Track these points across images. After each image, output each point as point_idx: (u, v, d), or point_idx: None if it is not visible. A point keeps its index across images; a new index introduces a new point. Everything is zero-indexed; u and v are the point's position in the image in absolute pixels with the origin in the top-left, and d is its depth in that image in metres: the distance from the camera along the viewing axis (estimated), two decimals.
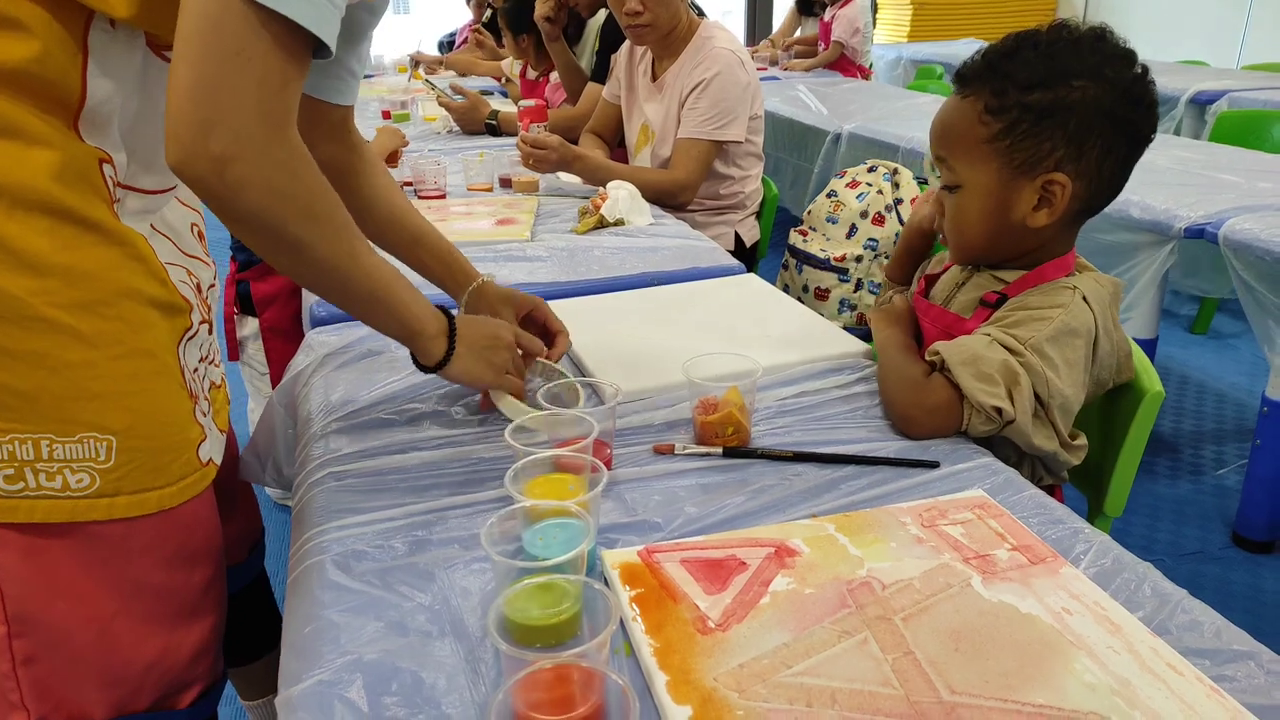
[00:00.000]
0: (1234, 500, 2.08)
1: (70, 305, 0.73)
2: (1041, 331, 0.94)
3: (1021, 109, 0.93)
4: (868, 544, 0.77)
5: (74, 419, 0.75)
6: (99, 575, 0.81)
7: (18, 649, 0.79)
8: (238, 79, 0.68)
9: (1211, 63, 4.72)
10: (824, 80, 4.34)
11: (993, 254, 1.04)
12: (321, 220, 0.78)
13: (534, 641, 0.64)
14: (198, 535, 0.89)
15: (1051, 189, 0.95)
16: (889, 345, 1.07)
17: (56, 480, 0.75)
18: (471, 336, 0.95)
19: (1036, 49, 0.94)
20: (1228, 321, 3.18)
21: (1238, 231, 1.76)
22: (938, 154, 1.03)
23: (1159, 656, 0.63)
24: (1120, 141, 0.95)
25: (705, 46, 2.01)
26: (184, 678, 0.90)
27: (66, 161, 0.73)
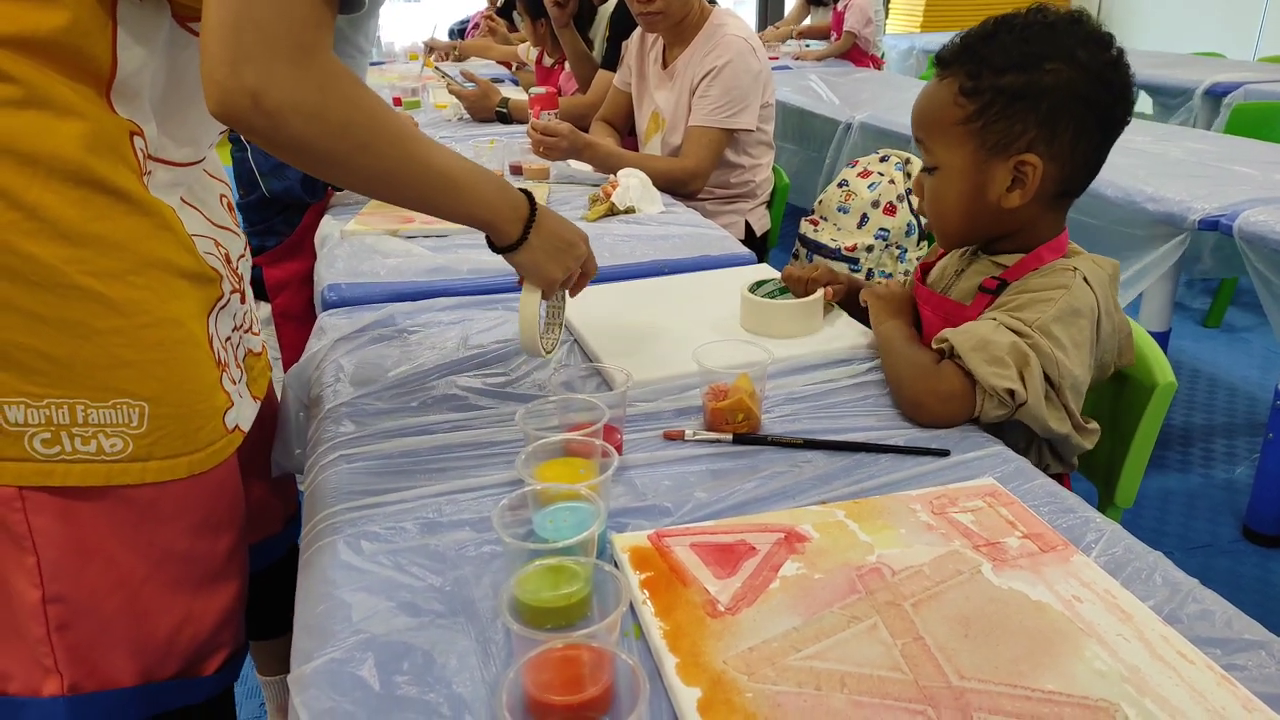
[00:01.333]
0: (1244, 494, 2.08)
1: (102, 274, 0.76)
2: (1046, 313, 0.94)
3: (995, 91, 0.95)
4: (877, 530, 0.77)
5: (106, 385, 0.77)
6: (129, 540, 0.83)
7: (53, 614, 0.81)
8: (263, 13, 0.69)
9: (1228, 54, 4.68)
10: (836, 70, 4.32)
11: (972, 235, 1.05)
12: (366, 129, 0.78)
13: (544, 623, 0.65)
14: (223, 501, 0.91)
15: (1023, 169, 0.96)
16: (894, 336, 1.07)
17: (91, 444, 0.77)
18: (549, 230, 0.96)
19: (1013, 32, 0.96)
20: (1241, 315, 3.16)
21: (1253, 224, 1.74)
22: (917, 136, 1.04)
23: (1169, 644, 0.63)
24: (1093, 124, 0.96)
25: (717, 34, 2.00)
26: (209, 645, 0.92)
27: (98, 132, 0.75)
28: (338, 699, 0.61)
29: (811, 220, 2.08)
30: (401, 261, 1.45)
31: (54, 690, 0.82)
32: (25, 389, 0.74)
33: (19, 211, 0.71)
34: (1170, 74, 3.76)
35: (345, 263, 1.46)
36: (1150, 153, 2.34)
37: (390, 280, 1.39)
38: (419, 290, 1.35)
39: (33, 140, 0.71)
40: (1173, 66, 3.96)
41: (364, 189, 0.85)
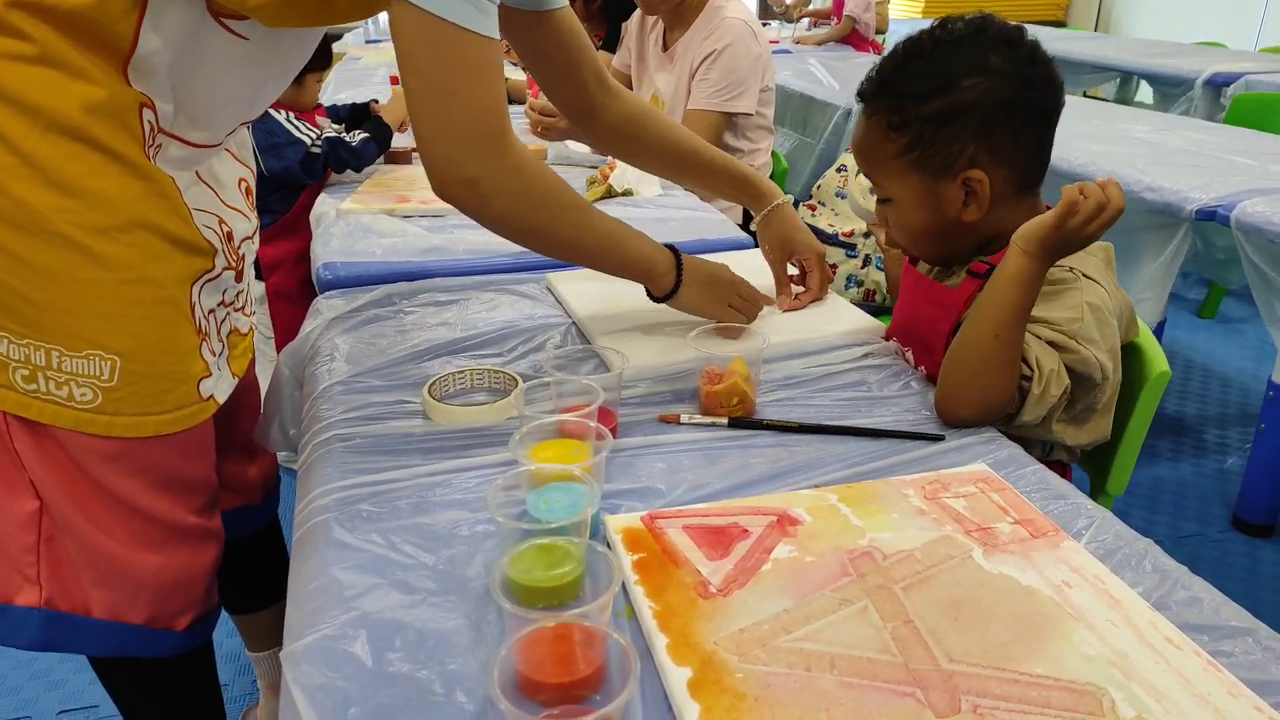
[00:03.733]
0: (1234, 484, 2.09)
1: (88, 227, 0.78)
2: (1082, 321, 0.93)
3: (922, 120, 0.95)
4: (870, 514, 0.77)
5: (81, 335, 0.80)
6: (94, 486, 0.86)
7: (45, 526, 0.86)
8: (460, 117, 0.83)
9: (1229, 44, 4.67)
10: (836, 55, 4.30)
11: (951, 250, 1.05)
12: (553, 204, 0.93)
13: (537, 602, 0.65)
14: (190, 467, 0.93)
15: (971, 185, 0.96)
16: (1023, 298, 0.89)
17: (63, 390, 0.81)
18: (696, 271, 1.08)
19: (923, 58, 0.95)
20: (1236, 306, 3.16)
21: (1250, 215, 1.75)
22: (867, 174, 1.04)
23: (1157, 630, 0.64)
24: (1028, 121, 0.96)
25: (717, 16, 1.99)
26: (176, 601, 0.95)
27: (103, 99, 0.78)
28: (330, 675, 0.61)
29: (810, 205, 2.08)
30: (397, 241, 1.45)
31: (30, 600, 0.87)
32: (9, 325, 0.78)
33: (15, 157, 0.74)
34: (1171, 64, 3.75)
35: (341, 241, 1.46)
36: (1150, 142, 2.34)
37: (386, 259, 1.38)
38: (415, 270, 1.35)
39: (38, 94, 0.74)
40: (1173, 56, 3.94)
41: (551, 252, 1.00)
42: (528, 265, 1.39)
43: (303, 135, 1.77)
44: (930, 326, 1.03)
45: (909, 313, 1.08)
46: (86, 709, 1.53)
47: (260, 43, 0.85)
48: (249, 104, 0.94)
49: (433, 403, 0.94)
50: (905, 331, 1.09)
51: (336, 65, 3.52)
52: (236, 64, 0.86)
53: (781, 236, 1.23)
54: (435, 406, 0.94)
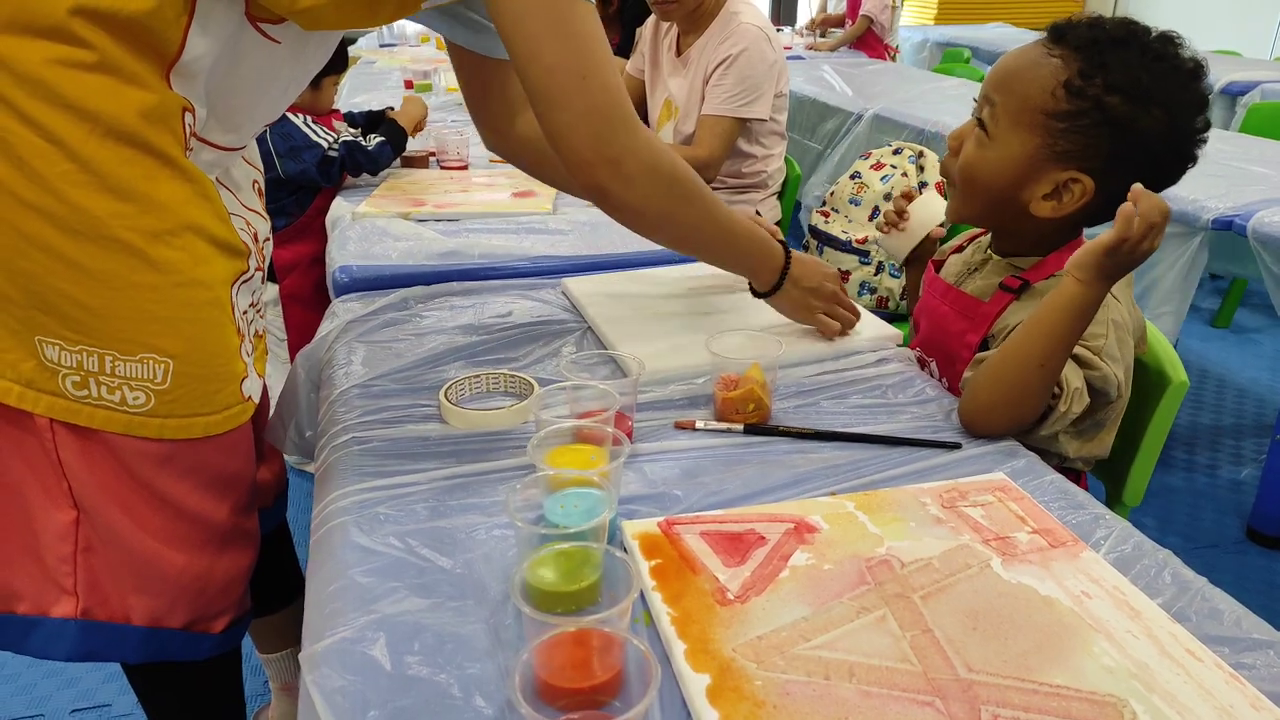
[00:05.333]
0: (1249, 495, 2.08)
1: (143, 231, 0.79)
2: (1106, 338, 0.93)
3: (1097, 105, 0.90)
4: (887, 522, 0.77)
5: (135, 339, 0.81)
6: (142, 490, 0.87)
7: (82, 536, 0.86)
8: (598, 98, 0.83)
9: (1244, 53, 4.65)
10: (849, 61, 4.30)
11: (984, 218, 1.04)
12: (682, 184, 0.93)
13: (555, 607, 0.65)
14: (233, 467, 0.94)
15: (1070, 186, 0.94)
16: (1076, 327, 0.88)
17: (116, 394, 0.82)
18: (800, 275, 1.09)
19: (1144, 53, 0.90)
20: (1251, 316, 3.15)
21: (1267, 224, 1.74)
22: (988, 93, 0.98)
23: (1178, 642, 0.64)
24: (1150, 175, 0.92)
25: (732, 22, 2.00)
26: (216, 604, 0.96)
27: (155, 104, 0.79)
28: (349, 678, 0.61)
29: (823, 212, 2.08)
30: (413, 245, 1.45)
31: (66, 611, 0.87)
32: (62, 332, 0.79)
33: (74, 163, 0.75)
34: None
35: (357, 245, 1.46)
36: None
37: (402, 263, 1.39)
38: (431, 274, 1.35)
39: (97, 100, 0.75)
40: None
41: (675, 239, 1.00)
42: (543, 270, 1.39)
43: (320, 139, 1.78)
44: (957, 338, 1.02)
45: (934, 323, 1.08)
46: (99, 708, 1.54)
47: (290, 45, 0.86)
48: (274, 106, 0.95)
49: (450, 406, 0.94)
50: (929, 341, 1.09)
51: (351, 69, 3.54)
52: (267, 67, 0.87)
53: None
54: (452, 410, 0.94)
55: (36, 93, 0.73)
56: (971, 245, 1.13)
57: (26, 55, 0.72)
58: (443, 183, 1.86)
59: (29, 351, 0.79)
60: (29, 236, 0.75)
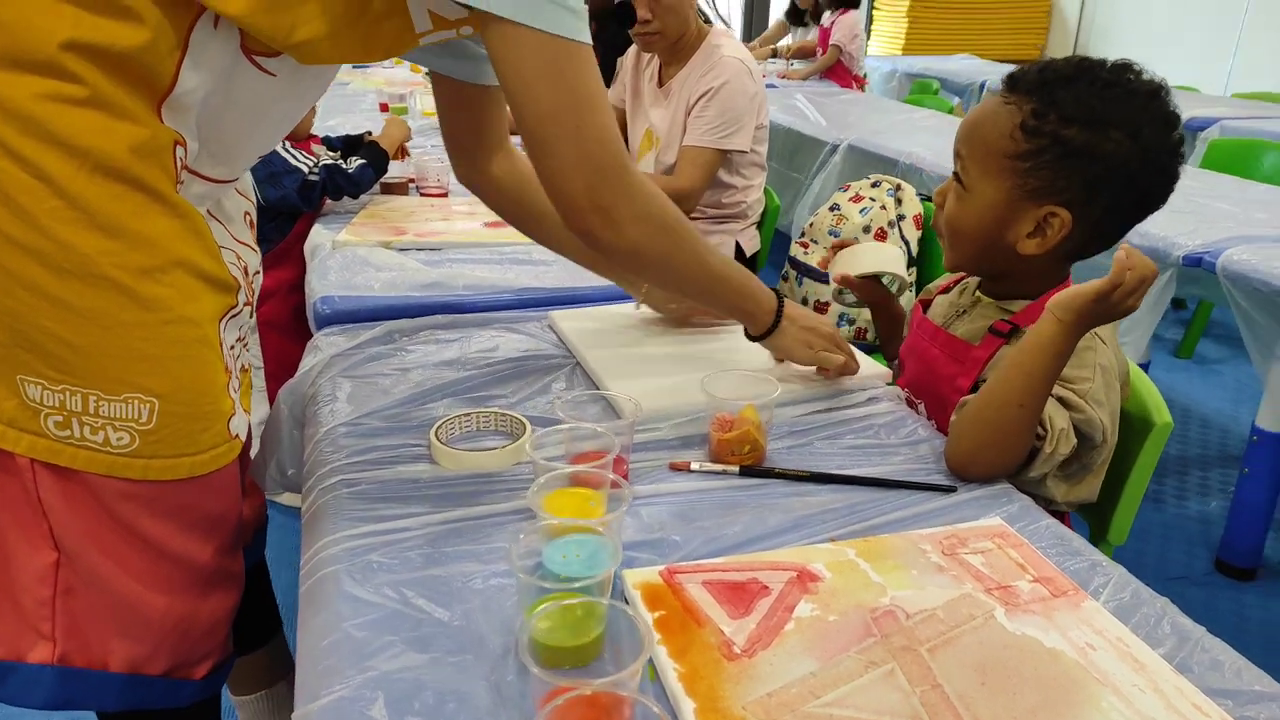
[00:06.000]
0: (1217, 526, 2.11)
1: (131, 268, 0.77)
2: (1093, 383, 0.94)
3: (1054, 139, 0.93)
4: (889, 570, 0.77)
5: (121, 378, 0.79)
6: (126, 532, 0.84)
7: (62, 578, 0.83)
8: (593, 148, 0.83)
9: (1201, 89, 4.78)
10: (821, 90, 4.35)
11: (978, 266, 1.05)
12: (674, 231, 0.94)
13: (561, 663, 0.64)
14: (220, 507, 0.92)
15: (1049, 221, 0.95)
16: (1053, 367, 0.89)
17: (99, 435, 0.79)
18: (796, 315, 1.09)
19: (1093, 85, 0.93)
20: (1213, 346, 3.21)
21: (1235, 262, 1.78)
22: (959, 149, 1.01)
23: (1184, 697, 0.64)
24: (1130, 202, 0.95)
25: (714, 55, 2.01)
26: (200, 648, 0.93)
27: (146, 138, 0.77)
28: None
29: (802, 243, 2.09)
30: (395, 275, 1.44)
31: (43, 657, 0.84)
32: (45, 371, 0.77)
33: (62, 200, 0.73)
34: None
35: (337, 274, 1.44)
36: None
37: (384, 294, 1.37)
38: (414, 305, 1.33)
39: (87, 136, 0.73)
40: None
41: (670, 282, 1.04)
42: (528, 302, 1.38)
43: (300, 163, 1.75)
44: (948, 382, 1.03)
45: (923, 365, 1.08)
46: None
47: (285, 78, 0.85)
48: (267, 139, 0.94)
49: (441, 447, 0.93)
50: (917, 383, 1.09)
51: None
52: (262, 100, 0.85)
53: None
54: (444, 451, 0.92)
55: (26, 129, 0.71)
56: (958, 287, 1.14)
57: (15, 90, 0.71)
58: (423, 210, 1.84)
59: (10, 390, 0.77)
60: (14, 274, 0.73)
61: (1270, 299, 1.72)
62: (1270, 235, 1.93)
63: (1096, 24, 6.57)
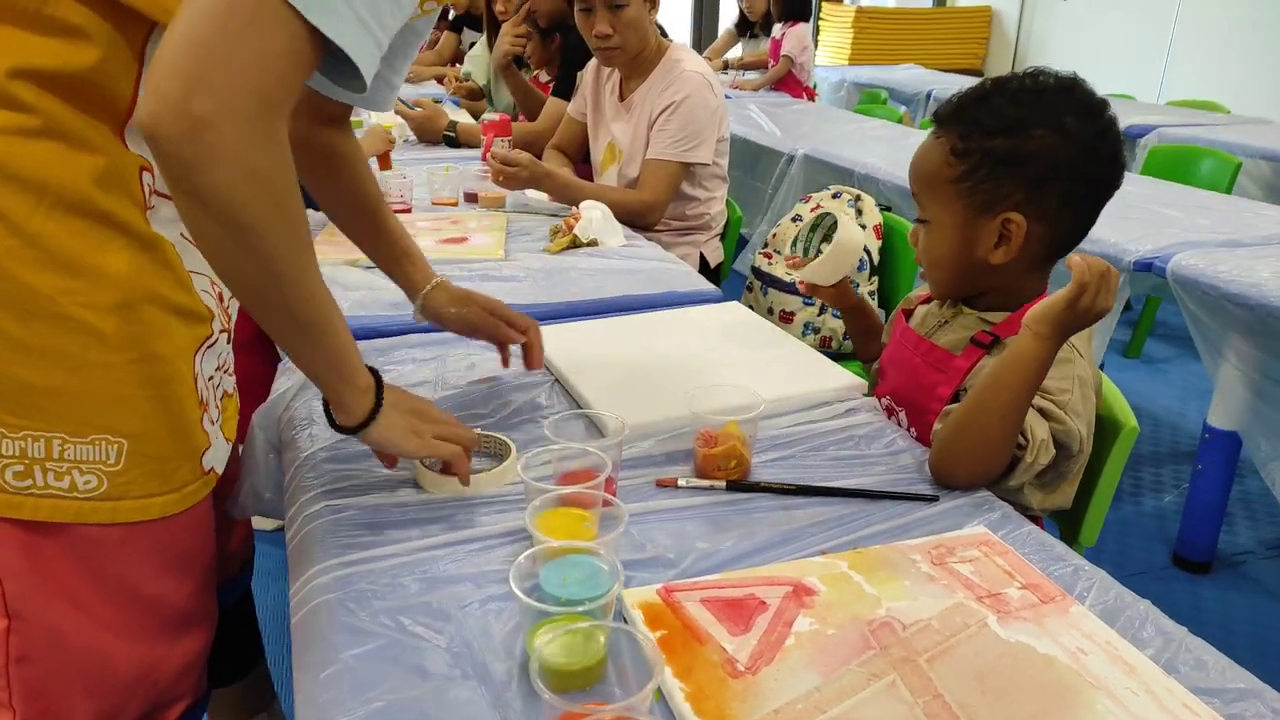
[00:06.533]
0: (1173, 521, 2.17)
1: (97, 306, 0.74)
2: (1071, 394, 0.97)
3: (983, 153, 0.98)
4: (882, 582, 0.78)
5: (88, 420, 0.76)
6: (95, 580, 0.81)
7: (13, 645, 0.78)
8: (241, 46, 0.63)
9: (1137, 96, 4.94)
10: (773, 101, 4.40)
11: (960, 288, 1.08)
12: (288, 216, 0.69)
13: (567, 687, 0.63)
14: (193, 545, 0.89)
15: (1008, 228, 0.99)
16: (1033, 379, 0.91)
17: (64, 480, 0.76)
18: (399, 400, 0.87)
19: (1005, 96, 0.99)
20: (1160, 346, 3.31)
21: (1184, 267, 1.83)
22: (913, 191, 1.07)
23: (1174, 697, 0.66)
24: (1081, 191, 0.99)
25: (675, 69, 2.02)
26: (171, 692, 0.89)
27: (108, 167, 0.74)
28: None
29: (765, 254, 2.11)
30: (365, 295, 1.42)
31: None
32: (3, 418, 0.73)
33: (18, 239, 0.70)
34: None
35: None
36: None
37: (355, 314, 1.35)
38: (386, 326, 1.32)
39: (44, 169, 0.70)
40: None
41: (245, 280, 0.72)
42: None
43: None
44: (928, 391, 1.05)
45: (905, 374, 1.10)
46: None
47: None
48: None
49: (426, 472, 0.92)
50: (898, 392, 1.11)
51: None
52: None
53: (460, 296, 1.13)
54: (430, 476, 0.91)
55: None
56: None
57: None
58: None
59: None
60: None
61: (1218, 302, 1.78)
62: (1214, 240, 1.99)
63: (1035, 34, 6.74)
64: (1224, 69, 5.29)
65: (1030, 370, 0.90)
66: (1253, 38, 5.09)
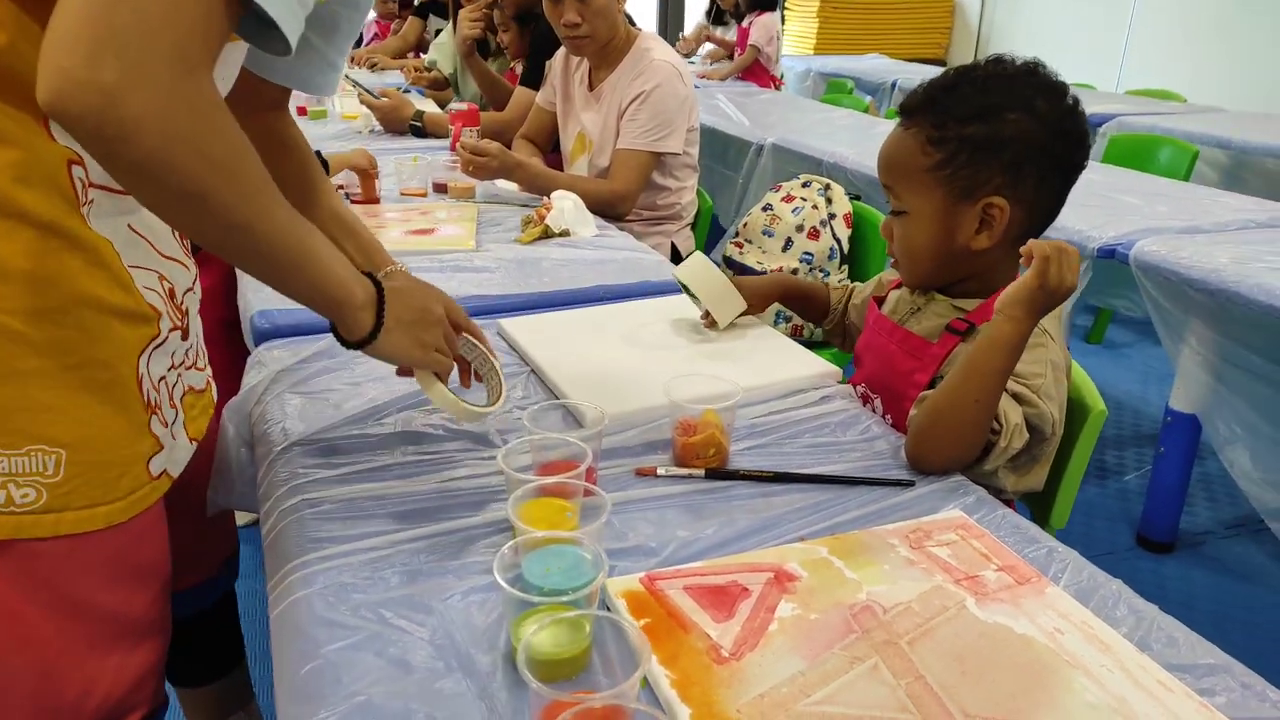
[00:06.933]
0: (1137, 503, 2.22)
1: (25, 312, 0.70)
2: (1044, 374, 0.98)
3: (960, 141, 0.99)
4: (861, 566, 0.79)
5: (23, 430, 0.72)
6: (37, 595, 0.77)
7: None
8: (147, 2, 0.58)
9: (1097, 85, 5.01)
10: (741, 90, 4.41)
11: (941, 277, 1.09)
12: (230, 171, 0.66)
13: (554, 676, 0.63)
14: (144, 552, 0.86)
15: (991, 212, 1.00)
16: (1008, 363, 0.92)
17: (0, 495, 0.72)
18: (402, 309, 0.84)
19: (974, 84, 1.01)
20: (1120, 331, 3.37)
21: (1147, 254, 1.87)
22: (885, 183, 1.08)
23: (1148, 673, 0.67)
24: (1053, 170, 1.01)
25: (644, 58, 2.02)
26: (123, 705, 0.85)
27: (31, 162, 0.69)
28: None
29: (736, 243, 2.12)
30: None
31: None
32: None
33: None
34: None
35: None
36: None
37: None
38: None
39: None
40: None
41: (206, 240, 0.70)
42: (475, 311, 1.35)
43: None
44: (905, 378, 1.06)
45: (881, 361, 1.11)
46: None
47: None
48: None
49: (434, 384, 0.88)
50: (874, 379, 1.12)
51: None
52: None
53: None
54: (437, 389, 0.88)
55: None
56: None
57: None
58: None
59: None
60: None
61: (1179, 288, 1.81)
62: (1174, 227, 2.03)
63: (996, 24, 6.82)
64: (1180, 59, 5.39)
65: (1004, 354, 0.92)
66: (1207, 28, 5.19)
